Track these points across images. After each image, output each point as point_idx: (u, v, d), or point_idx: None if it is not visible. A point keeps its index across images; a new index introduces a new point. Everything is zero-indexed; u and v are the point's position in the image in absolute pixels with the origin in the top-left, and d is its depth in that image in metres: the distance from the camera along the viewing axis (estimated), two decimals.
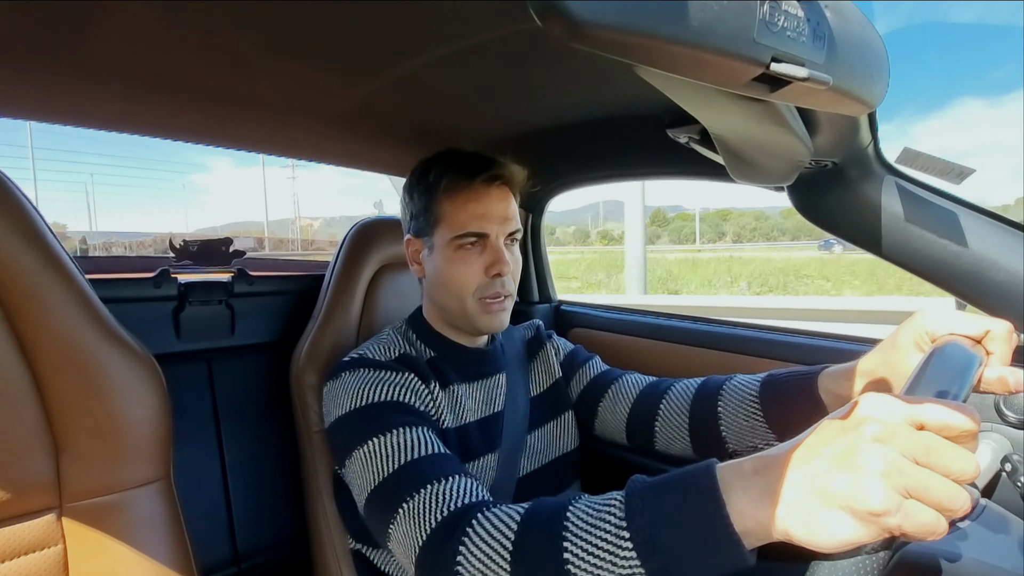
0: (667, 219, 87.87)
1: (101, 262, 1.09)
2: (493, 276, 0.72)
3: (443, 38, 0.57)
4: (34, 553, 0.52)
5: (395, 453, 0.59)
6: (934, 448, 0.31)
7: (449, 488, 0.54)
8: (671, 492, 0.40)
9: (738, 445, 0.72)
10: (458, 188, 0.72)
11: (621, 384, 0.84)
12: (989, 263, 0.61)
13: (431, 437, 0.61)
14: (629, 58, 0.31)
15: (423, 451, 0.59)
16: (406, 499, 0.54)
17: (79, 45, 0.56)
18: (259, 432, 0.97)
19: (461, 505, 0.52)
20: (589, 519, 0.43)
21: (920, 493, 0.30)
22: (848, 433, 0.33)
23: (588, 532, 0.42)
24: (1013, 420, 0.68)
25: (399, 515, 0.54)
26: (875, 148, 0.66)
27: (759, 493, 0.36)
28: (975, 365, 0.44)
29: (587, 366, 0.89)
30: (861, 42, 0.41)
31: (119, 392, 0.56)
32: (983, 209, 0.63)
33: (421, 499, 0.53)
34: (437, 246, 0.74)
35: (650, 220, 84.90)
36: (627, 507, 0.42)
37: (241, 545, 0.93)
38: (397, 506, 0.54)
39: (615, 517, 0.42)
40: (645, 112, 0.79)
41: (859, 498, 0.30)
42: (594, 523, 0.43)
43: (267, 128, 0.86)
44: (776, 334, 0.96)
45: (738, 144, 0.59)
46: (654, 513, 0.40)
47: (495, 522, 0.48)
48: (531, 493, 0.78)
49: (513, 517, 0.48)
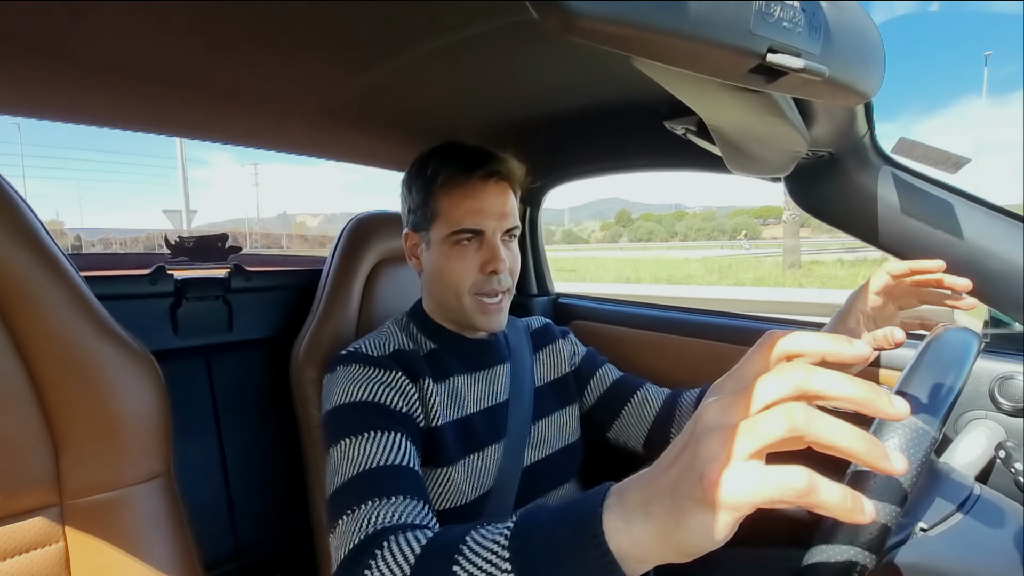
0: (631, 219, 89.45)
1: (96, 259, 1.09)
2: (489, 273, 0.72)
3: (439, 30, 0.57)
4: (35, 551, 0.52)
5: (358, 458, 0.60)
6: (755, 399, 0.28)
7: (383, 508, 0.54)
8: (554, 515, 0.38)
9: None
10: (455, 183, 0.71)
11: (645, 394, 0.87)
12: (984, 252, 0.62)
13: (400, 444, 0.62)
14: (626, 50, 0.31)
15: (384, 460, 0.60)
16: (346, 512, 0.55)
17: (72, 41, 0.55)
18: (259, 427, 0.98)
19: (379, 528, 0.52)
20: (481, 541, 0.42)
21: (813, 434, 0.27)
22: (690, 432, 0.31)
23: (477, 553, 0.41)
24: (1007, 408, 0.69)
25: (339, 525, 0.55)
26: (871, 138, 0.66)
27: (633, 505, 0.33)
28: (972, 351, 0.45)
29: (603, 370, 0.91)
30: (857, 33, 0.41)
31: (117, 389, 0.56)
32: (978, 198, 0.63)
33: (356, 515, 0.54)
34: (434, 241, 0.73)
35: (615, 220, 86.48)
36: (514, 528, 0.40)
37: (243, 539, 0.94)
38: (339, 516, 0.56)
39: (502, 536, 0.41)
40: (642, 104, 0.79)
41: (690, 478, 0.29)
42: (484, 544, 0.42)
43: (263, 123, 0.86)
44: (769, 324, 0.97)
45: (735, 135, 0.58)
46: (534, 532, 0.39)
47: (402, 546, 0.48)
48: (536, 483, 0.78)
49: (420, 541, 0.47)
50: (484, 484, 0.73)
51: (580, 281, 13.28)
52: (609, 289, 11.54)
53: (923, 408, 0.39)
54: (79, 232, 46.08)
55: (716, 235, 69.91)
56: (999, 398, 0.69)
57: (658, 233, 76.07)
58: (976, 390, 0.71)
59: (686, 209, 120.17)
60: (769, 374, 0.29)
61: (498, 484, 0.74)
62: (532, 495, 0.78)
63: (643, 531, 0.32)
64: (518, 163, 0.74)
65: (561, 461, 0.83)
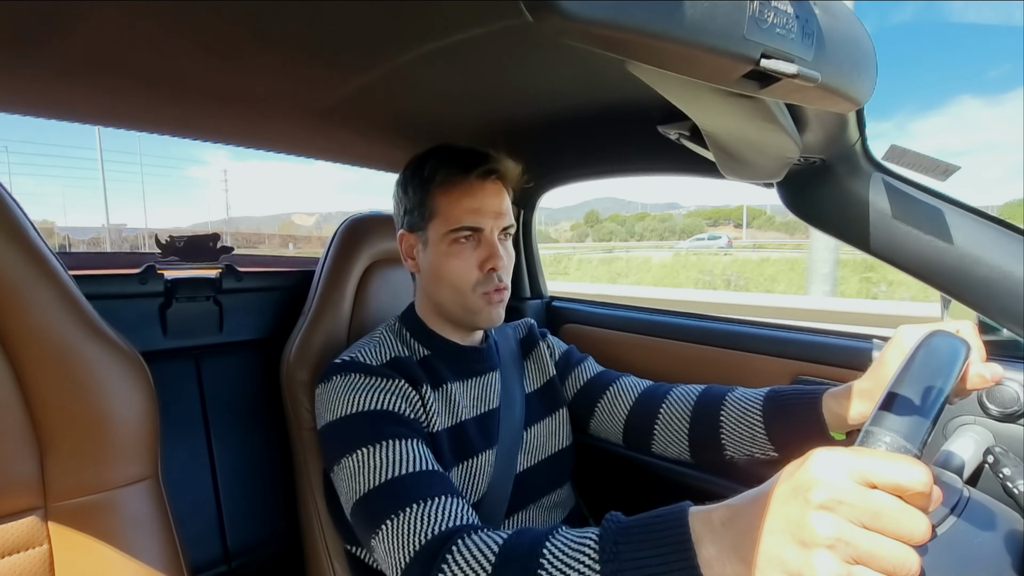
0: (598, 220, 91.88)
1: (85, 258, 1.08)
2: (488, 271, 0.72)
3: (435, 33, 0.57)
4: (19, 554, 0.52)
5: (383, 466, 0.59)
6: (883, 512, 0.30)
7: (433, 509, 0.54)
8: (644, 538, 0.41)
9: (735, 452, 0.74)
10: (453, 182, 0.71)
11: (619, 386, 0.86)
12: (973, 259, 0.62)
13: (421, 451, 0.62)
14: (620, 54, 0.31)
15: (412, 467, 0.59)
16: (391, 515, 0.55)
17: (65, 39, 0.55)
18: (248, 429, 0.97)
19: (444, 529, 0.53)
20: (564, 556, 0.44)
21: (868, 560, 0.30)
22: (797, 498, 0.33)
23: (562, 571, 0.44)
24: (995, 413, 0.69)
25: (384, 530, 0.55)
26: (863, 145, 0.66)
27: (728, 549, 0.36)
28: (961, 355, 0.45)
29: (582, 366, 0.91)
30: (850, 39, 0.41)
31: (104, 390, 0.55)
32: (968, 205, 0.64)
33: (406, 518, 0.54)
34: (431, 241, 0.73)
35: (584, 220, 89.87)
36: (601, 550, 0.43)
37: (231, 543, 0.93)
38: (382, 521, 0.55)
39: (589, 558, 0.43)
40: (636, 108, 0.79)
41: (808, 572, 0.31)
42: (568, 561, 0.44)
43: (257, 123, 0.85)
44: (766, 330, 0.97)
45: (728, 140, 0.59)
46: (627, 559, 0.41)
47: (474, 551, 0.49)
48: (528, 489, 0.78)
49: (491, 547, 0.49)
50: (478, 491, 0.73)
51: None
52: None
53: (912, 412, 0.39)
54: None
55: (667, 235, 72.80)
56: (987, 404, 0.70)
57: (618, 233, 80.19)
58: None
59: (680, 209, 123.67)
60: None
61: (491, 490, 0.74)
62: (525, 501, 0.78)
63: (734, 572, 0.36)
64: (513, 163, 0.75)
65: (553, 466, 0.83)
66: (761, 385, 0.76)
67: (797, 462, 0.35)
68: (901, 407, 0.40)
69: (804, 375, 0.90)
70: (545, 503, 0.81)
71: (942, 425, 0.74)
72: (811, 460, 0.33)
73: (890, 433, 0.37)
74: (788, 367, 0.92)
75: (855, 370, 0.84)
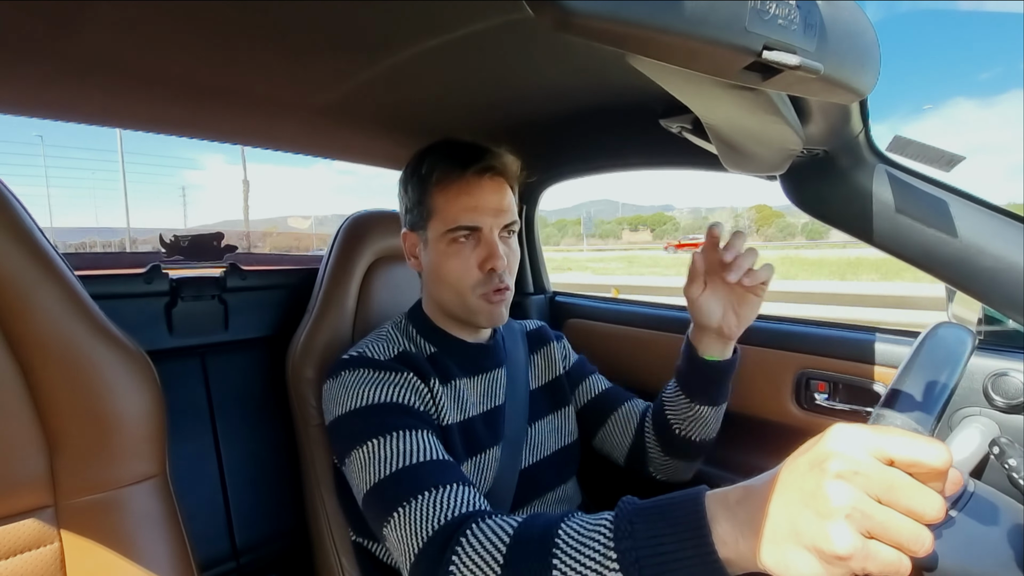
0: (546, 223, 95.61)
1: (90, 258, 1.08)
2: (488, 271, 0.71)
3: (436, 28, 0.56)
4: (30, 552, 0.52)
5: (395, 455, 0.59)
6: (898, 487, 0.30)
7: (445, 496, 0.54)
8: (659, 517, 0.41)
9: (686, 430, 0.79)
10: (450, 180, 0.70)
11: (630, 408, 0.88)
12: (977, 249, 0.62)
13: (431, 441, 0.62)
14: (621, 48, 0.31)
15: (423, 456, 0.59)
16: (403, 503, 0.55)
17: (65, 39, 0.55)
18: (255, 426, 0.97)
19: (457, 515, 0.53)
20: (579, 536, 0.45)
21: (881, 533, 0.30)
22: (814, 469, 0.33)
23: (577, 550, 0.44)
24: (1001, 404, 0.69)
25: (395, 517, 0.55)
26: (866, 136, 0.66)
27: (742, 524, 0.37)
28: (967, 348, 0.45)
29: (593, 379, 0.92)
30: (852, 30, 0.41)
31: (112, 389, 0.56)
32: (972, 196, 0.63)
33: (418, 505, 0.54)
34: (431, 240, 0.73)
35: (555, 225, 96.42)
36: (616, 529, 0.43)
37: (239, 539, 0.94)
38: (394, 508, 0.55)
39: (604, 536, 0.43)
40: (638, 102, 0.79)
41: (824, 542, 0.31)
42: (583, 541, 0.44)
43: (258, 121, 0.85)
44: (770, 324, 0.97)
45: (730, 133, 0.59)
46: (642, 536, 0.41)
47: (488, 535, 0.49)
48: (534, 484, 0.79)
49: (506, 530, 0.49)
50: (484, 485, 0.73)
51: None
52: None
53: (918, 406, 0.40)
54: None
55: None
56: (993, 395, 0.70)
57: (554, 237, 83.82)
58: (970, 387, 0.72)
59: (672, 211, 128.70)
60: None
61: (497, 485, 0.74)
62: (531, 496, 0.78)
63: (748, 547, 0.35)
64: (513, 158, 0.74)
65: (558, 462, 0.83)
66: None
67: (814, 439, 0.35)
68: (911, 391, 0.40)
69: (808, 368, 0.90)
70: (551, 498, 0.81)
71: (947, 417, 0.74)
72: (829, 434, 0.34)
73: (900, 416, 0.37)
74: (792, 360, 0.92)
75: (859, 363, 0.84)
